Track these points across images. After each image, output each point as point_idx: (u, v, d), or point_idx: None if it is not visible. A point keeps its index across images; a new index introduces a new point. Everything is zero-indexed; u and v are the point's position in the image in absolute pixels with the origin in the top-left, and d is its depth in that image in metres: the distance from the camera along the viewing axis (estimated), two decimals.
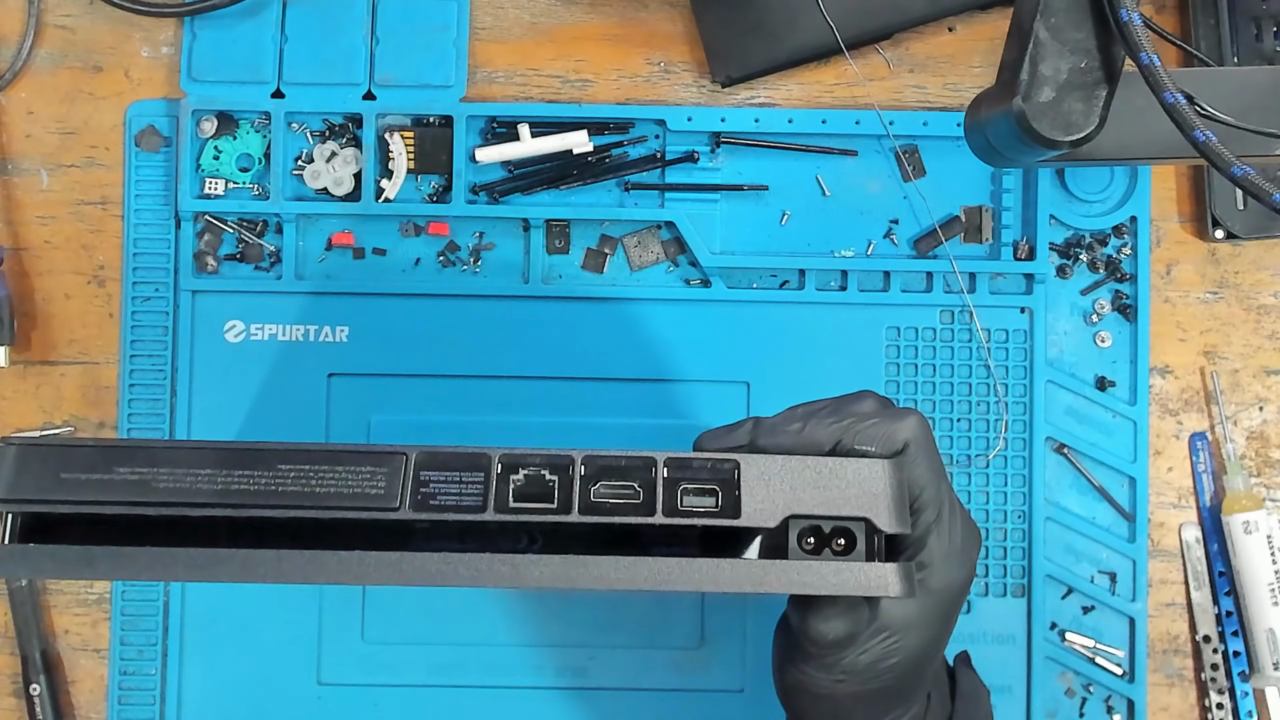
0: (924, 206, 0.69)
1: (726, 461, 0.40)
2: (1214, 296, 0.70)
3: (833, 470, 0.40)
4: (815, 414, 0.45)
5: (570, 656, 0.68)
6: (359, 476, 0.39)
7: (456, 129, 0.68)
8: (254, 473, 0.39)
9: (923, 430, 0.44)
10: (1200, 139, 0.41)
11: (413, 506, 0.39)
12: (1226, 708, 0.68)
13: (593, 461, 0.39)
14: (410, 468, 0.39)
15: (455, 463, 0.39)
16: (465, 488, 0.39)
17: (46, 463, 0.38)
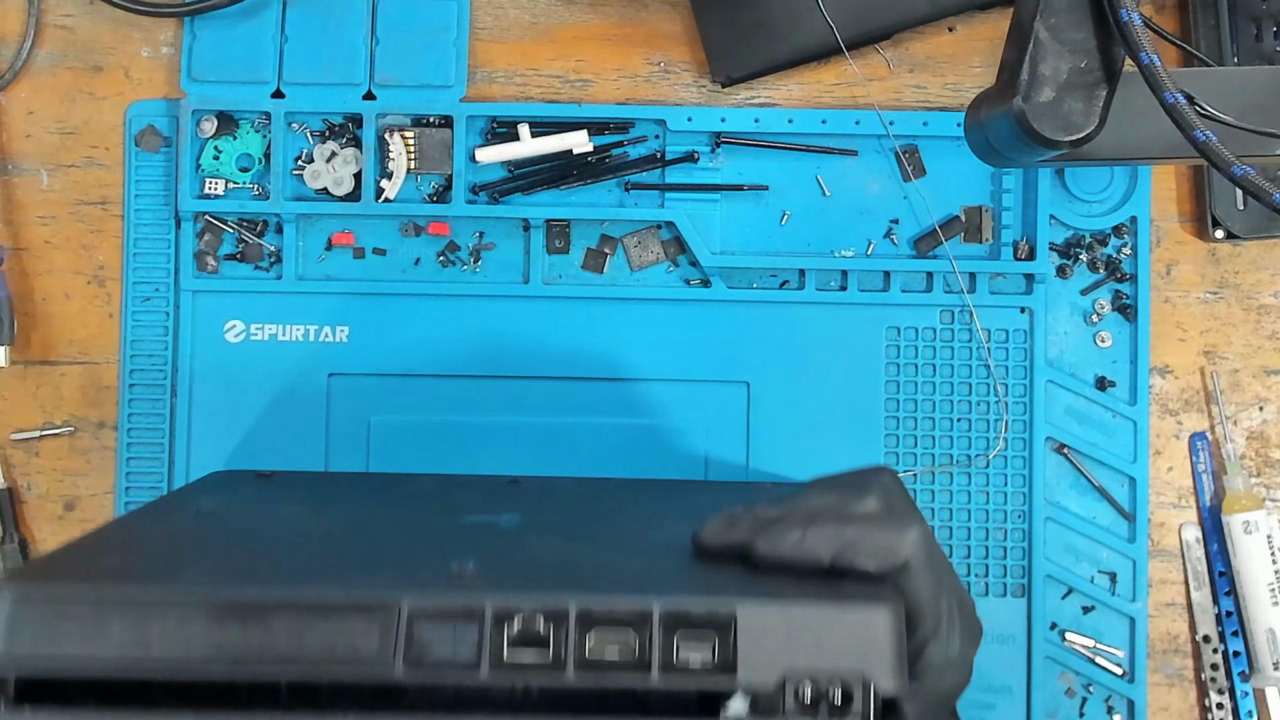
0: (924, 206, 0.69)
1: (723, 611, 0.39)
2: (1214, 296, 0.70)
3: (832, 619, 0.40)
4: (817, 518, 0.43)
5: None
6: (351, 632, 0.39)
7: (456, 129, 0.68)
8: (247, 629, 0.39)
9: (924, 545, 0.43)
10: (1200, 139, 0.41)
11: (406, 664, 0.38)
12: (1226, 708, 0.68)
13: (587, 613, 0.39)
14: (402, 621, 0.39)
15: (448, 614, 0.39)
16: (459, 642, 0.39)
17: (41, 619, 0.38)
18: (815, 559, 0.42)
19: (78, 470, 0.69)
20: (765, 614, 0.39)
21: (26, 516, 0.69)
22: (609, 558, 0.45)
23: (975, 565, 0.68)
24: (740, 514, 0.45)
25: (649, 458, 0.68)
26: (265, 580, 0.40)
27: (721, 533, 0.45)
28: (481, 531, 0.50)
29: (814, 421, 0.68)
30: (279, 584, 0.40)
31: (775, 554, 0.43)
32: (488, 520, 0.52)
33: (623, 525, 0.54)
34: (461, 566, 0.41)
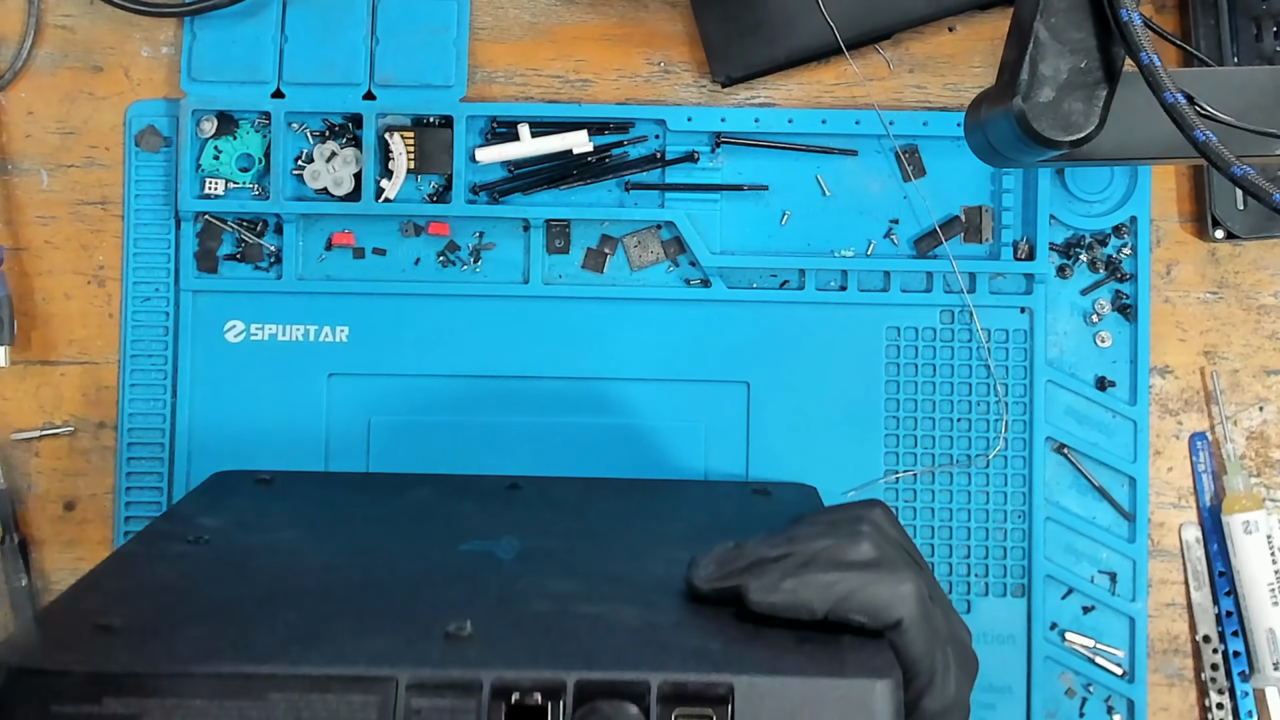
0: (924, 206, 0.69)
1: (720, 685, 0.39)
2: (1214, 296, 0.70)
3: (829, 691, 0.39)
4: (811, 564, 0.43)
5: None
6: (350, 707, 0.39)
7: (456, 129, 0.68)
8: (245, 704, 0.39)
9: (918, 603, 0.43)
10: (1200, 139, 0.41)
11: None
12: (1226, 708, 0.68)
13: (584, 686, 0.39)
14: (400, 696, 0.39)
15: (445, 687, 0.39)
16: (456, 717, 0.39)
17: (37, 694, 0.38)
18: (809, 611, 0.42)
19: (78, 470, 0.69)
20: (763, 687, 0.39)
21: (26, 516, 0.69)
22: (605, 608, 0.45)
23: (975, 565, 0.68)
24: (732, 554, 0.45)
25: (649, 458, 0.68)
26: (262, 651, 0.40)
27: (714, 577, 0.45)
28: (479, 566, 0.50)
29: (814, 421, 0.68)
30: (277, 654, 0.40)
31: (769, 603, 0.43)
32: (486, 549, 0.52)
33: (620, 552, 0.53)
34: (459, 628, 0.41)
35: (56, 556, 0.69)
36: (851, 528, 0.45)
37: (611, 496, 0.62)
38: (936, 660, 0.44)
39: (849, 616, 0.42)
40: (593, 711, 0.38)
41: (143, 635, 0.42)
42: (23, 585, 0.67)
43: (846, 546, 0.44)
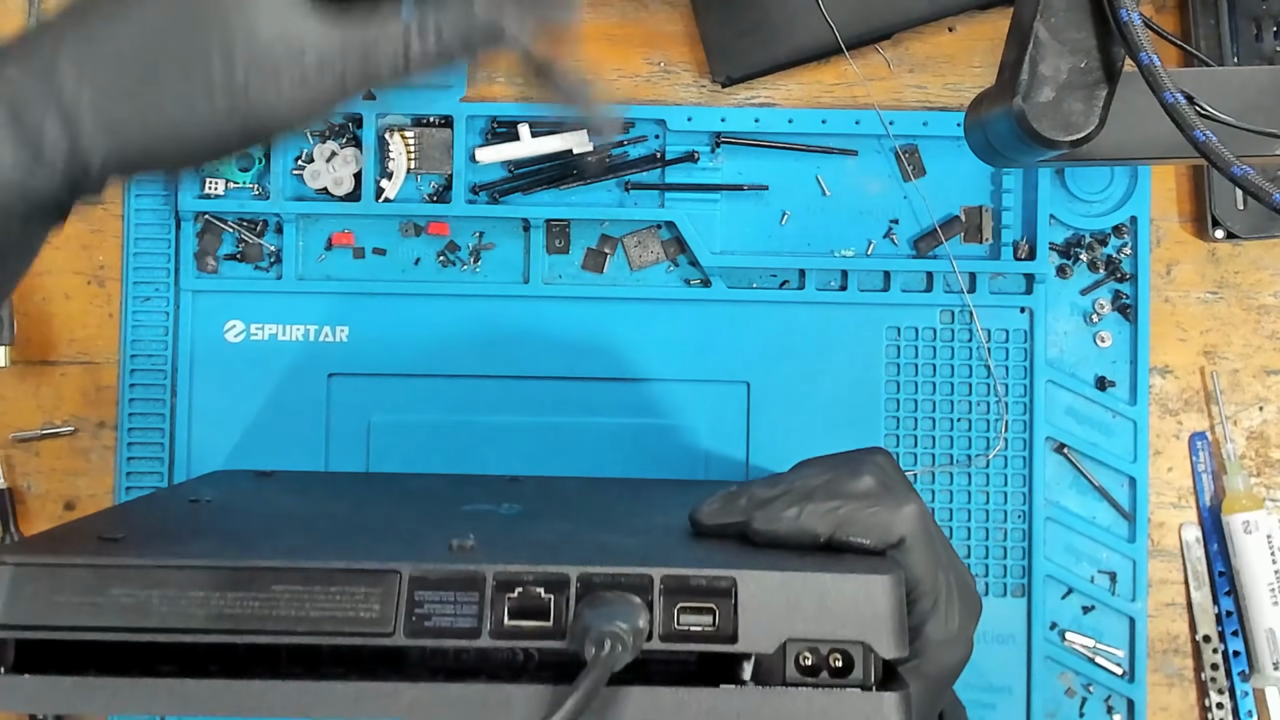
0: (924, 206, 0.69)
1: (723, 581, 0.40)
2: (1214, 296, 0.70)
3: (832, 587, 0.40)
4: (812, 496, 0.44)
5: None
6: (353, 599, 0.39)
7: (456, 129, 0.68)
8: (248, 595, 0.39)
9: (920, 522, 0.43)
10: (1200, 139, 0.41)
11: (407, 632, 0.38)
12: (1226, 708, 0.68)
13: (588, 581, 0.39)
14: (403, 588, 0.39)
15: (449, 582, 0.39)
16: (460, 608, 0.39)
17: (40, 585, 0.38)
18: (812, 535, 0.42)
19: (78, 470, 0.69)
20: (765, 582, 0.39)
21: (26, 516, 0.69)
22: (608, 537, 0.46)
23: (975, 565, 0.68)
24: (736, 493, 0.45)
25: (649, 457, 0.68)
26: (266, 552, 0.40)
27: (718, 512, 0.45)
28: (482, 516, 0.51)
29: (814, 421, 0.68)
30: (280, 555, 0.40)
31: (772, 531, 0.43)
32: (488, 509, 0.52)
33: (621, 513, 0.54)
34: (462, 542, 0.41)
35: None
36: (853, 466, 0.45)
37: (614, 488, 0.62)
38: (940, 583, 0.44)
39: (851, 539, 0.42)
40: (596, 600, 0.38)
41: (146, 543, 0.42)
42: None
43: (847, 479, 0.44)
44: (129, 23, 0.36)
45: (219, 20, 0.36)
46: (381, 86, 0.39)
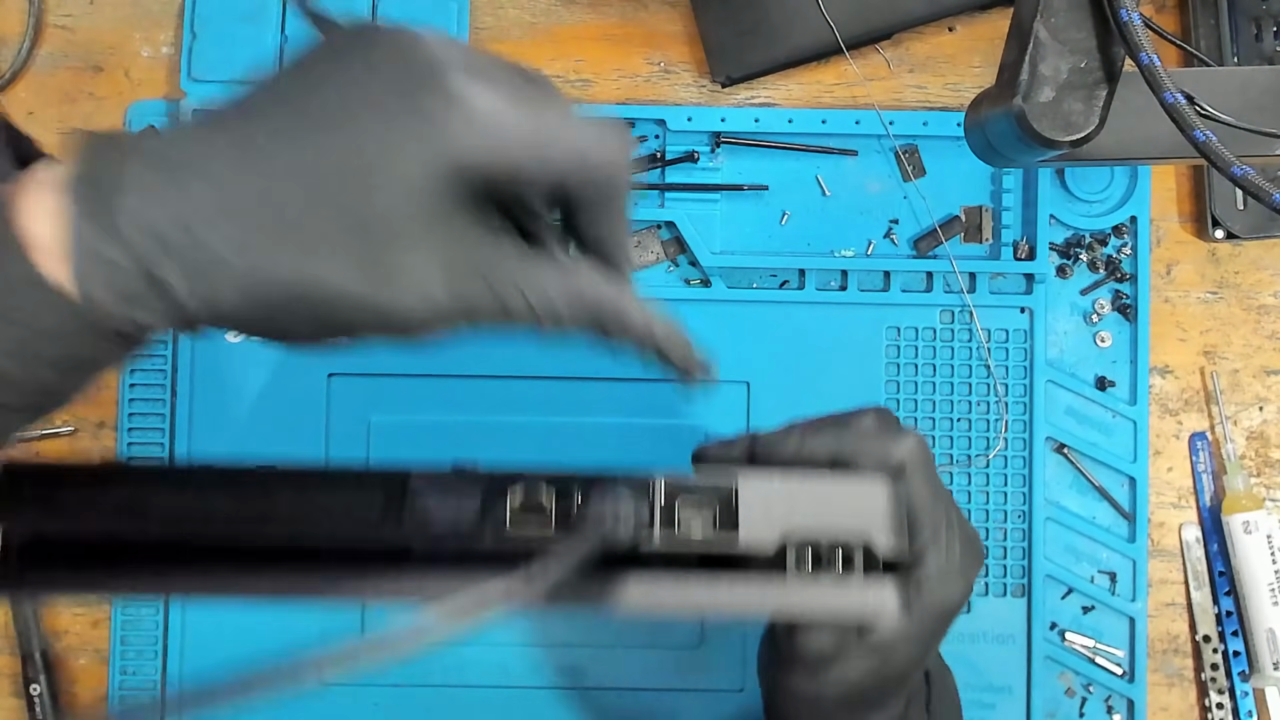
0: (924, 206, 0.69)
1: (724, 483, 0.40)
2: (1214, 296, 0.70)
3: (831, 488, 0.40)
4: (814, 428, 0.44)
5: (570, 656, 0.68)
6: (354, 500, 0.39)
7: None
8: (249, 497, 0.38)
9: (921, 452, 0.44)
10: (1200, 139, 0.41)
11: (408, 528, 0.38)
12: (1226, 708, 0.68)
13: (590, 482, 0.39)
14: (407, 490, 0.39)
15: (452, 485, 0.39)
16: (462, 510, 0.39)
17: (40, 485, 0.38)
18: (813, 460, 0.43)
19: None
20: (766, 485, 0.39)
21: None
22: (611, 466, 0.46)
23: None
24: (739, 437, 0.46)
25: (649, 458, 0.68)
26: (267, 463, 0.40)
27: (719, 447, 0.46)
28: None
29: None
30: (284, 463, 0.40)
31: (773, 455, 0.43)
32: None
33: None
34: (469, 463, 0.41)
35: None
36: (855, 411, 0.46)
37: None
38: (940, 513, 0.44)
39: (853, 462, 0.43)
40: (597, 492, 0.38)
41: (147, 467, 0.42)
42: None
43: (849, 418, 0.45)
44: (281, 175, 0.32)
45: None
46: (499, 325, 0.35)
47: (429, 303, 0.32)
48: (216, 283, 0.30)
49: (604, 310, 0.36)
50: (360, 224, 0.31)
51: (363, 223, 0.31)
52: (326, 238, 0.31)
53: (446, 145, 0.31)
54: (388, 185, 0.31)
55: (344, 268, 0.31)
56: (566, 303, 0.35)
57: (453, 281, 0.32)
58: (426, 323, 0.33)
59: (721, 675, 0.68)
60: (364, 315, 0.32)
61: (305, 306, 0.31)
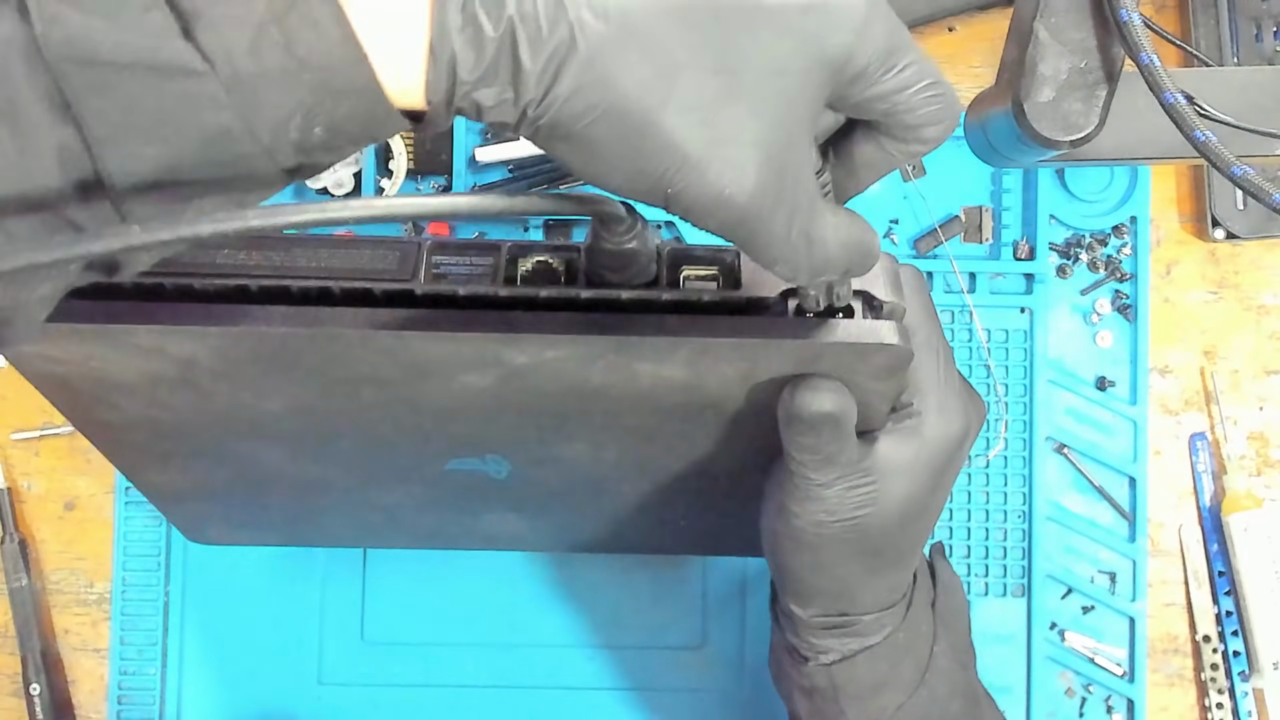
0: (924, 206, 0.69)
1: (726, 250, 0.41)
2: (1214, 296, 0.70)
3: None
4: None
5: (570, 657, 0.68)
6: (375, 257, 0.40)
7: (457, 128, 0.68)
8: (273, 253, 0.39)
9: (916, 276, 0.44)
10: (1200, 139, 0.41)
11: (426, 280, 0.39)
12: (1226, 708, 0.68)
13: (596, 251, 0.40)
14: (423, 251, 0.40)
15: (466, 248, 0.41)
16: (475, 267, 0.40)
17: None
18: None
19: (78, 470, 0.69)
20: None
21: (26, 516, 0.69)
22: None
23: (975, 565, 0.68)
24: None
25: None
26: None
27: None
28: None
29: None
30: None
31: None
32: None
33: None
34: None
35: (56, 556, 0.69)
36: None
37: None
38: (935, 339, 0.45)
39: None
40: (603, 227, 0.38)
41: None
42: (23, 585, 0.67)
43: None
44: None
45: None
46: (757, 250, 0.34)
47: (732, 189, 0.32)
48: (563, 72, 0.29)
49: (858, 261, 0.36)
50: (724, 72, 0.31)
51: (726, 71, 0.31)
52: (684, 71, 0.30)
53: (826, 33, 0.31)
54: (763, 46, 0.31)
55: (683, 111, 0.30)
56: (836, 259, 0.35)
57: (762, 179, 0.32)
58: (712, 206, 0.32)
59: (722, 675, 0.68)
60: (673, 166, 0.31)
61: (624, 130, 0.30)
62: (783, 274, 0.35)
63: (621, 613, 0.68)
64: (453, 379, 0.41)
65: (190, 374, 0.41)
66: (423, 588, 0.67)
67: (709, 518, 0.55)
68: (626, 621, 0.68)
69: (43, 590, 0.68)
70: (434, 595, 0.67)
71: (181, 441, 0.48)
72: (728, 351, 0.39)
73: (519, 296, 0.39)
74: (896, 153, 0.35)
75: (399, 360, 0.40)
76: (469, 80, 0.29)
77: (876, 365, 0.40)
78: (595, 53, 0.29)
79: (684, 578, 0.68)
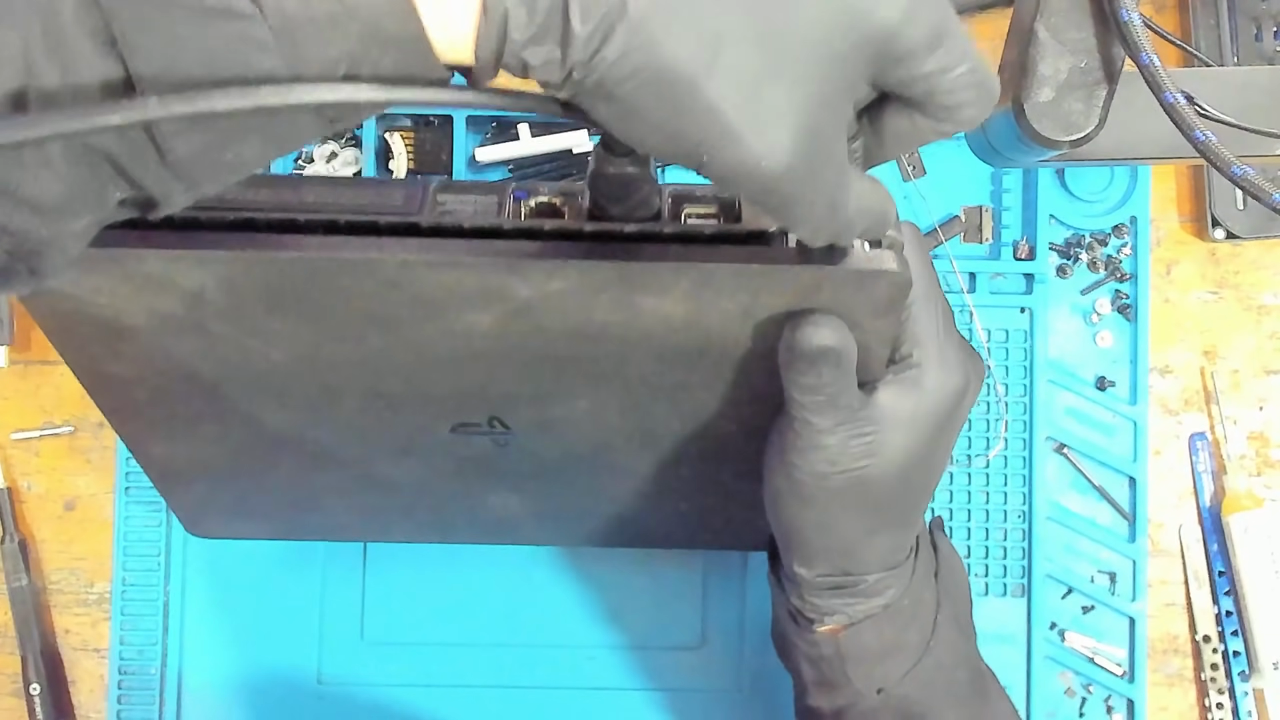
0: (924, 206, 0.69)
1: (726, 193, 0.41)
2: (1214, 296, 0.70)
3: None
4: None
5: (570, 656, 0.68)
6: (382, 194, 0.41)
7: (456, 129, 0.68)
8: (282, 190, 0.40)
9: (914, 232, 0.44)
10: (1200, 139, 0.41)
11: (431, 217, 0.40)
12: (1226, 708, 0.68)
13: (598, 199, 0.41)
14: (429, 190, 0.41)
15: (471, 188, 0.41)
16: (479, 205, 0.41)
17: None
18: None
19: (78, 470, 0.69)
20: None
21: (26, 516, 0.69)
22: None
23: (975, 565, 0.68)
24: None
25: None
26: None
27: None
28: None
29: None
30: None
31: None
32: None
33: None
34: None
35: (56, 556, 0.69)
36: None
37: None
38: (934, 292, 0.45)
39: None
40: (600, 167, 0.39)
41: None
42: (23, 585, 0.67)
43: None
44: None
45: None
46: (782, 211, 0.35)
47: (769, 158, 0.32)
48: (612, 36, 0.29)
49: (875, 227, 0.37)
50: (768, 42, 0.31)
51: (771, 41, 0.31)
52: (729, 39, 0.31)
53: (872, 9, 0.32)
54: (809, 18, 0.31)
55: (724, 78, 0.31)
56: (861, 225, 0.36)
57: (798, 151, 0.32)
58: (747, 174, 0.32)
59: (721, 675, 0.68)
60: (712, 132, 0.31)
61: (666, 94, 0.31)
62: (803, 235, 0.36)
63: (621, 612, 0.68)
64: (457, 317, 0.41)
65: (197, 313, 0.41)
66: (423, 587, 0.67)
67: (710, 501, 0.55)
68: (626, 621, 0.68)
69: (43, 590, 0.68)
70: (434, 594, 0.67)
71: (186, 403, 0.48)
72: (729, 281, 0.40)
73: (524, 228, 0.40)
74: (929, 130, 0.36)
75: (404, 293, 0.40)
76: (519, 39, 0.30)
77: (876, 297, 0.40)
78: (643, 19, 0.30)
79: (684, 577, 0.68)
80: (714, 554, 0.67)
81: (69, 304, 0.42)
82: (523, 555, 0.67)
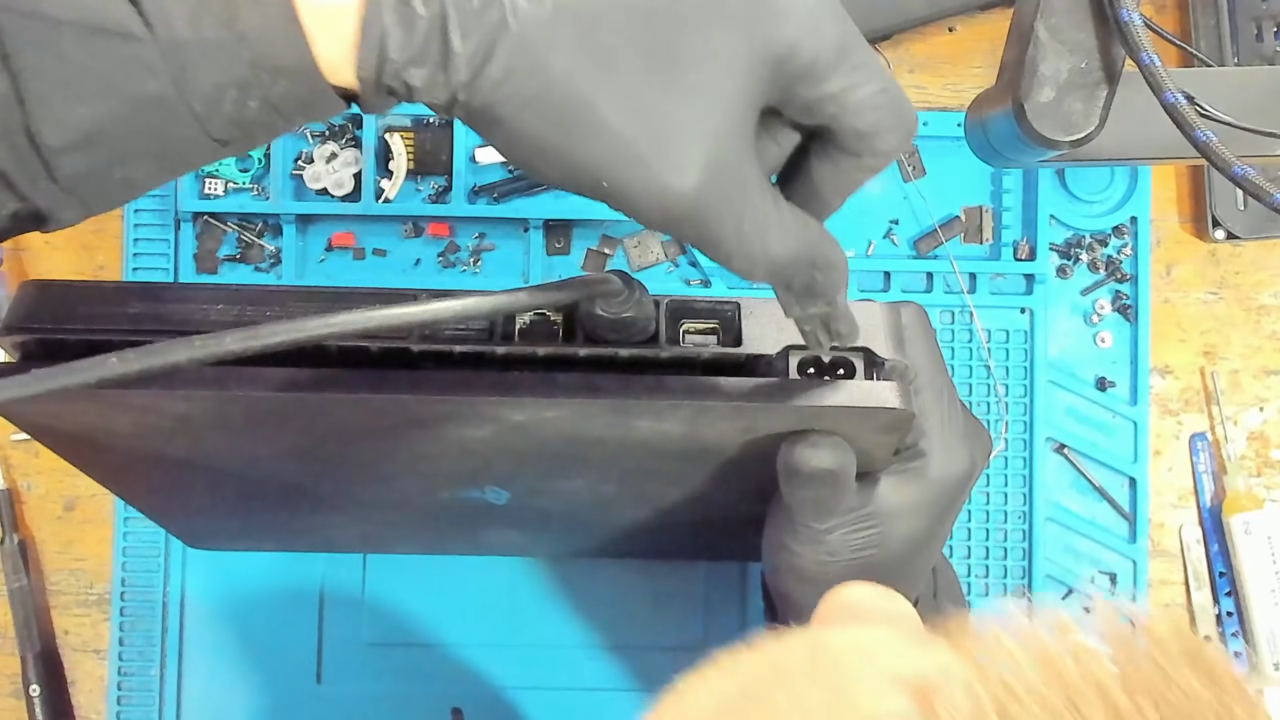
0: (924, 206, 0.69)
1: (726, 303, 0.40)
2: (1214, 296, 0.70)
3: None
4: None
5: (570, 657, 0.68)
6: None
7: (457, 129, 0.68)
8: (267, 309, 0.39)
9: (920, 317, 0.44)
10: (1200, 139, 0.41)
11: (421, 339, 0.39)
12: None
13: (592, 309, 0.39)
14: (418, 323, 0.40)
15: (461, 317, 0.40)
16: (473, 326, 0.39)
17: (64, 298, 0.38)
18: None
19: (77, 471, 0.69)
20: (768, 306, 0.40)
21: (26, 516, 0.69)
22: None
23: (975, 565, 0.68)
24: None
25: None
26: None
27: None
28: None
29: None
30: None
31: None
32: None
33: None
34: None
35: (56, 557, 0.69)
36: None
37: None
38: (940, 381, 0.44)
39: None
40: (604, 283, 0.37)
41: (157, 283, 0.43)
42: (23, 586, 0.67)
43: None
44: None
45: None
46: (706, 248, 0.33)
47: (676, 181, 0.30)
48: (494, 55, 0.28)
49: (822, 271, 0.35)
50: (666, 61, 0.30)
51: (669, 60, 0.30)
52: (624, 59, 0.30)
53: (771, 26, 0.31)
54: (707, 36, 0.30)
55: (622, 100, 0.30)
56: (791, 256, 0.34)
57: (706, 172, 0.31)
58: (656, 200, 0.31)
59: None
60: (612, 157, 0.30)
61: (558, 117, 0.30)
62: (739, 270, 0.34)
63: (621, 614, 0.68)
64: (452, 431, 0.41)
65: (185, 426, 0.41)
66: (422, 589, 0.67)
67: (709, 534, 0.55)
68: (626, 622, 0.68)
69: (43, 591, 0.68)
70: (434, 596, 0.67)
71: (177, 475, 0.48)
72: (727, 412, 0.39)
73: (516, 355, 0.39)
74: (851, 168, 0.34)
75: (395, 419, 0.40)
76: (398, 59, 0.29)
77: (878, 424, 0.40)
78: (528, 37, 0.29)
79: (684, 579, 0.68)
80: None
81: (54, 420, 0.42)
82: (523, 559, 0.67)
